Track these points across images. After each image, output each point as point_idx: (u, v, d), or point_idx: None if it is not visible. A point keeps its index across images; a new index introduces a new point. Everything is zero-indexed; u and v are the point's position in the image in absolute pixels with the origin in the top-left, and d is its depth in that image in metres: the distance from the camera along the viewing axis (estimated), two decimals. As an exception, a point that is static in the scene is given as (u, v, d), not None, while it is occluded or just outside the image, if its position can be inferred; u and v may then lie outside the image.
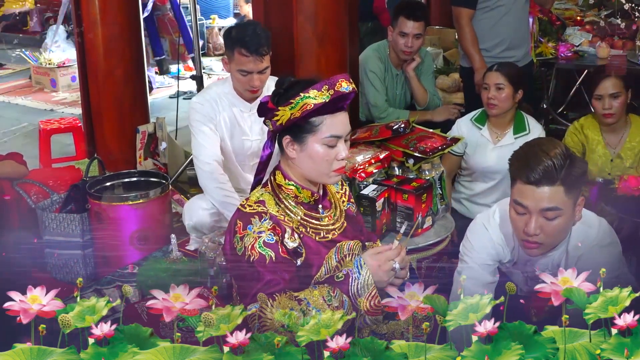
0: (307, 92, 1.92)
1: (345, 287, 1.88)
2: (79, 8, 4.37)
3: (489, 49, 3.93)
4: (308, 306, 1.84)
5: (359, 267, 1.90)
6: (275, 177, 2.05)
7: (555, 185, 1.97)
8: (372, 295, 1.88)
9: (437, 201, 2.93)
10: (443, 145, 3.03)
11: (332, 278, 1.93)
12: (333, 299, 1.87)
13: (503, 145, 3.38)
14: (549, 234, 2.03)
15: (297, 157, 2.00)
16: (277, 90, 1.99)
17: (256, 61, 2.98)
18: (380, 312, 1.90)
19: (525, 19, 4.09)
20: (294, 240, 1.98)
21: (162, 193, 3.47)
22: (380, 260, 1.90)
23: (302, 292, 1.88)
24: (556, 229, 2.03)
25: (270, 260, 1.90)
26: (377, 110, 4.05)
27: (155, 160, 4.54)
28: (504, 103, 3.31)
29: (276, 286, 1.87)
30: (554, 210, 1.99)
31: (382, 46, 4.14)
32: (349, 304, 1.87)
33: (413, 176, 2.92)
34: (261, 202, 1.99)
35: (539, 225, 2.01)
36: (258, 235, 1.92)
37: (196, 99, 3.24)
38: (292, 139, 1.99)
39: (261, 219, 1.94)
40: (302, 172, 2.03)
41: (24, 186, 3.54)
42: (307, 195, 2.04)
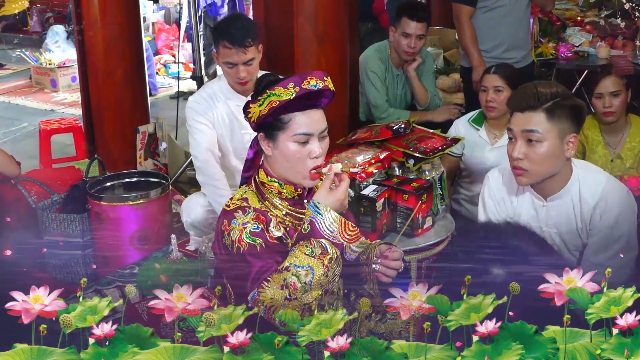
0: (273, 89, 1.93)
1: (317, 233, 1.90)
2: (79, 6, 4.37)
3: (489, 50, 3.93)
4: (296, 268, 1.86)
5: (317, 209, 1.92)
6: (258, 175, 2.07)
7: (537, 111, 2.21)
8: (344, 225, 1.92)
9: (438, 201, 2.93)
10: (443, 146, 3.03)
11: (300, 234, 1.94)
12: (314, 249, 1.89)
13: (501, 146, 3.38)
14: (532, 160, 2.24)
15: (272, 155, 2.02)
16: (256, 88, 2.01)
17: (239, 53, 3.01)
18: (360, 235, 1.96)
19: (527, 21, 4.09)
20: (279, 229, 2.00)
21: (162, 193, 3.47)
22: (339, 197, 1.93)
23: (286, 260, 1.90)
24: (540, 156, 2.23)
25: (260, 246, 1.92)
26: (378, 110, 4.05)
27: (155, 160, 4.54)
28: (502, 105, 3.30)
29: (269, 270, 1.89)
30: (534, 132, 2.21)
31: (382, 46, 4.14)
32: (329, 244, 1.90)
33: (413, 176, 2.92)
34: (244, 199, 2.01)
35: (523, 151, 2.23)
36: (243, 227, 1.94)
37: (193, 97, 3.27)
38: (264, 136, 2.01)
39: (245, 212, 1.96)
40: (279, 172, 2.04)
41: (25, 185, 3.54)
42: (291, 190, 2.05)
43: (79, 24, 4.43)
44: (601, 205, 2.31)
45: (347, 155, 2.91)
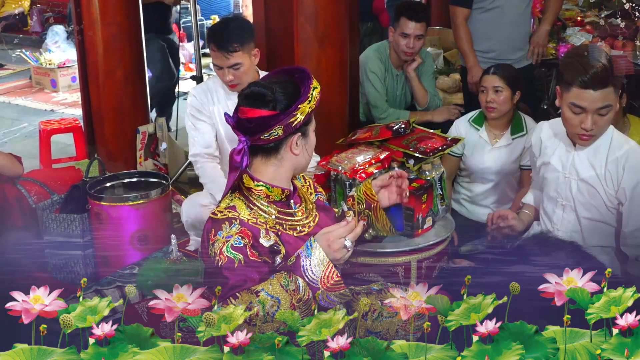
0: (311, 82, 1.97)
1: (297, 269, 1.87)
2: (79, 6, 4.37)
3: (486, 50, 3.94)
4: (266, 295, 1.83)
5: (309, 247, 1.88)
6: (243, 181, 2.05)
7: (607, 87, 2.37)
8: (329, 272, 1.86)
9: (438, 202, 2.93)
10: (443, 146, 3.03)
11: (286, 264, 1.92)
12: (290, 283, 1.85)
13: (501, 146, 3.38)
14: (601, 127, 2.47)
15: (300, 153, 2.02)
16: (266, 98, 1.96)
17: (222, 57, 3.05)
18: (342, 287, 1.88)
19: (526, 22, 4.10)
20: (269, 238, 1.97)
21: (162, 193, 3.47)
22: (329, 239, 1.87)
23: (262, 283, 1.87)
24: (607, 122, 2.47)
25: (239, 263, 1.90)
26: (378, 110, 4.05)
27: (155, 160, 4.54)
28: (502, 106, 3.30)
29: (241, 287, 1.87)
30: (607, 107, 2.41)
31: (382, 46, 4.14)
32: (303, 285, 1.85)
33: (413, 177, 2.92)
34: (232, 207, 1.99)
35: (594, 121, 2.42)
36: (226, 240, 1.92)
37: (192, 90, 3.35)
38: (301, 134, 2.01)
39: (231, 224, 1.94)
40: (296, 168, 2.06)
41: (25, 185, 3.54)
42: (278, 192, 2.04)
43: (79, 24, 4.43)
44: (628, 159, 2.49)
45: (347, 156, 2.91)
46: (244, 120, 1.97)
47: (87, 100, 4.56)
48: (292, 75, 2.03)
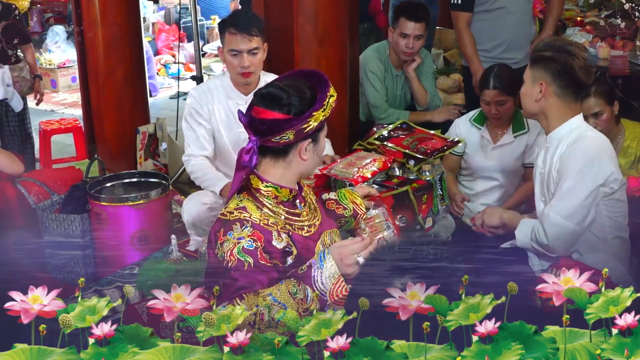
0: (328, 90, 1.96)
1: (307, 279, 1.87)
2: (79, 7, 4.37)
3: (489, 50, 3.93)
4: (273, 301, 1.83)
5: (323, 258, 1.88)
6: (250, 182, 2.04)
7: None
8: (339, 285, 1.86)
9: (438, 202, 2.93)
10: (444, 147, 3.03)
11: (296, 271, 1.92)
12: (298, 292, 1.85)
13: (503, 144, 3.38)
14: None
15: (309, 158, 2.03)
16: (282, 101, 1.95)
17: (244, 39, 3.02)
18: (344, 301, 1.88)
19: (528, 21, 4.09)
20: (281, 240, 1.97)
21: (162, 193, 3.47)
22: (342, 253, 1.88)
23: (270, 287, 1.87)
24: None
25: (248, 266, 1.89)
26: (378, 110, 4.05)
27: (155, 160, 4.55)
28: (508, 112, 3.31)
29: (249, 288, 1.86)
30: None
31: (382, 47, 4.14)
32: (312, 296, 1.86)
33: (413, 177, 2.92)
34: (242, 208, 1.97)
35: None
36: (237, 241, 1.90)
37: (192, 90, 3.31)
38: (311, 140, 2.01)
39: (242, 226, 1.93)
40: (304, 172, 2.06)
41: (25, 185, 3.54)
42: (286, 192, 2.04)
43: (79, 25, 4.43)
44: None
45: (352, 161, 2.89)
46: (257, 120, 1.96)
47: (87, 100, 4.56)
48: (310, 80, 2.02)
